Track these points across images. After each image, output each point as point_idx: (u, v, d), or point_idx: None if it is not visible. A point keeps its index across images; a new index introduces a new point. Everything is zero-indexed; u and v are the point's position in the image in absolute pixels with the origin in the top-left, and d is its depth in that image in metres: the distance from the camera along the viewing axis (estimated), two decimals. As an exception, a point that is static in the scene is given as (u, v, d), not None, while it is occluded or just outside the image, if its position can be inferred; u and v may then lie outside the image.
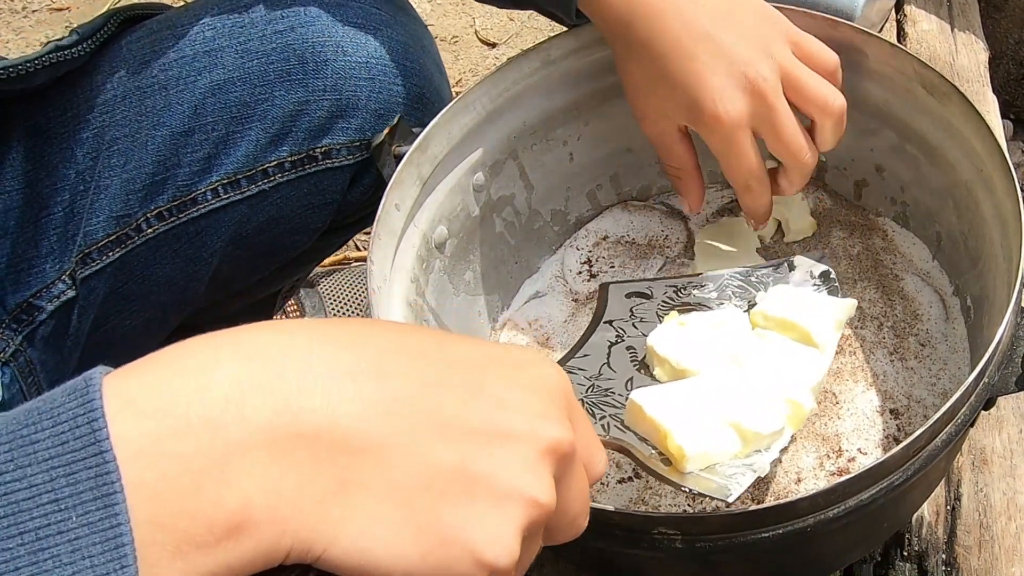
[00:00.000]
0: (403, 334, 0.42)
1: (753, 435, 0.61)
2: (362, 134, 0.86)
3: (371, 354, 0.39)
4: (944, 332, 0.81)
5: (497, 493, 0.38)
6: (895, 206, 0.88)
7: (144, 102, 0.81)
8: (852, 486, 0.58)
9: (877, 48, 0.79)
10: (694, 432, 0.60)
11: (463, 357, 0.42)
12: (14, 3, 2.14)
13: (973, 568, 0.79)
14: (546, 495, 0.40)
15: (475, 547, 0.38)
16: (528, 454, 0.40)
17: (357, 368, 0.38)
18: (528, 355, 0.44)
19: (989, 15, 1.45)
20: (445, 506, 0.38)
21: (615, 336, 0.73)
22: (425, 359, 0.40)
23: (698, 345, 0.68)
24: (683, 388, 0.64)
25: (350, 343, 0.40)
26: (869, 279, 0.84)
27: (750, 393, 0.64)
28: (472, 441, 0.39)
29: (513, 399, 0.41)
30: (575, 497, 0.43)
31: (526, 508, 0.39)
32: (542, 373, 0.43)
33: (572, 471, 0.42)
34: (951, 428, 0.61)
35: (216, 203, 0.83)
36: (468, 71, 1.90)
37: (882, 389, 0.77)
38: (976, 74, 1.19)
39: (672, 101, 0.73)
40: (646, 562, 0.65)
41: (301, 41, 0.83)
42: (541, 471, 0.40)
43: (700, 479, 0.59)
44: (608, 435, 0.62)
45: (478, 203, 0.85)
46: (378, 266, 0.72)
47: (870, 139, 0.86)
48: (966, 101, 0.74)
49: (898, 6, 1.26)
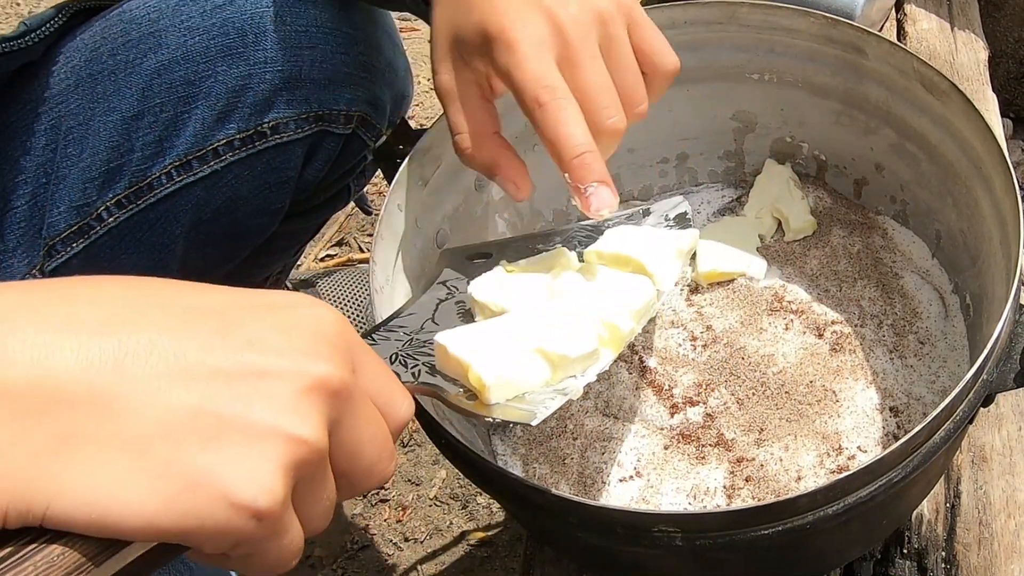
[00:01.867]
0: (142, 285, 0.40)
1: (560, 358, 0.58)
2: (308, 106, 0.84)
3: (100, 306, 0.37)
4: (943, 330, 0.81)
5: (250, 432, 0.37)
6: (895, 204, 0.88)
7: (95, 89, 0.81)
8: (851, 483, 0.58)
9: (877, 46, 0.79)
10: (497, 363, 0.57)
11: (211, 304, 0.40)
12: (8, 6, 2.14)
13: (972, 565, 0.79)
14: (311, 432, 0.38)
15: (228, 488, 0.36)
16: (286, 391, 0.38)
17: (79, 320, 0.37)
18: (297, 297, 0.42)
19: (989, 14, 1.46)
20: (188, 450, 0.36)
21: (445, 294, 0.69)
22: (164, 309, 0.38)
23: (520, 287, 0.65)
24: (492, 325, 0.61)
25: (75, 297, 0.38)
26: (869, 277, 0.85)
27: (560, 321, 0.61)
28: (217, 382, 0.37)
29: (269, 338, 0.39)
30: (366, 440, 0.41)
31: (287, 446, 0.37)
32: (311, 313, 0.41)
33: (354, 411, 0.41)
34: (950, 425, 0.61)
35: (171, 187, 0.83)
36: (469, 71, 1.91)
37: (882, 387, 0.78)
38: (976, 73, 1.19)
39: (465, 35, 0.63)
40: (647, 560, 0.65)
41: (240, 14, 0.82)
42: (304, 408, 0.38)
43: (506, 408, 0.57)
44: (417, 381, 0.59)
45: (480, 203, 0.85)
46: (380, 267, 0.72)
47: (870, 138, 0.86)
48: (966, 99, 0.74)
49: (898, 5, 1.27)
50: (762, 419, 0.76)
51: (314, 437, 0.38)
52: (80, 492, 0.35)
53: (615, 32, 0.62)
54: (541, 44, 0.60)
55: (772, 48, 0.85)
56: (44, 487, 0.35)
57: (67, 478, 0.35)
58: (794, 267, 0.87)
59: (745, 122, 0.91)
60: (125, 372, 0.36)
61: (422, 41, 1.98)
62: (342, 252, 1.60)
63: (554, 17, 0.60)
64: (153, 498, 0.35)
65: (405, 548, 1.26)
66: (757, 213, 0.90)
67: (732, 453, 0.75)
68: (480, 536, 1.25)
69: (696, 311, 0.85)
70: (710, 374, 0.80)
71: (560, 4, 0.61)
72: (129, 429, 0.36)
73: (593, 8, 0.62)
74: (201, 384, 0.37)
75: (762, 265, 0.87)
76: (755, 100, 0.89)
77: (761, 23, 0.83)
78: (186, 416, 0.36)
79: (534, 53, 0.60)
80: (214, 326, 0.38)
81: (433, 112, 1.76)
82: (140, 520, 0.35)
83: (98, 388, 0.36)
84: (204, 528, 0.36)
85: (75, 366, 0.35)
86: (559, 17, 0.60)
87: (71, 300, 0.37)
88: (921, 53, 1.00)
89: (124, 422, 0.36)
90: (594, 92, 0.60)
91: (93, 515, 0.35)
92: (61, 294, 0.38)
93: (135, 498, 0.35)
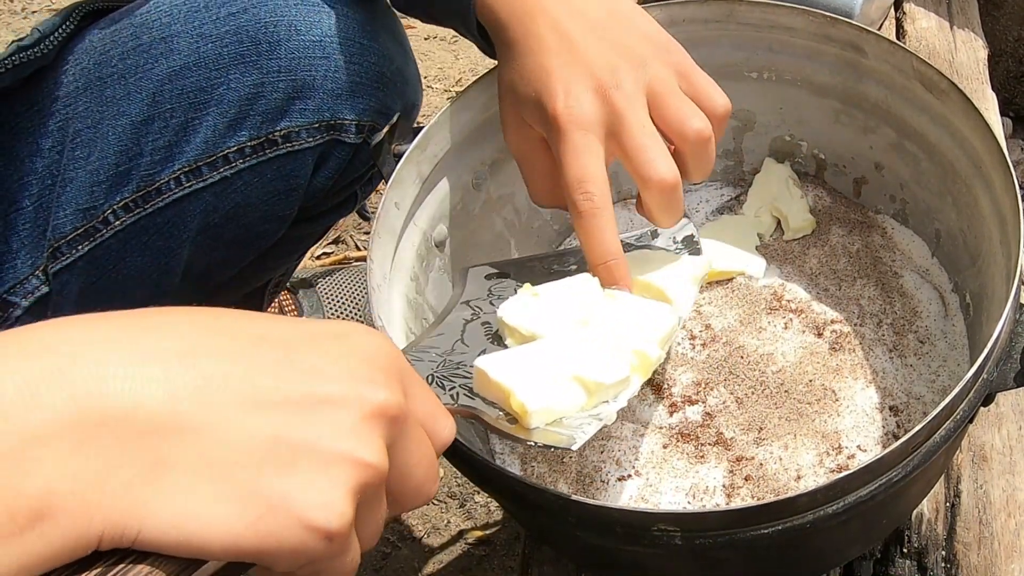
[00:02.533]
0: (211, 316, 0.42)
1: (596, 385, 0.61)
2: (320, 115, 0.84)
3: (175, 337, 0.40)
4: (943, 329, 0.81)
5: (321, 458, 0.39)
6: (894, 203, 0.88)
7: (104, 92, 0.81)
8: (851, 482, 0.58)
9: (876, 45, 0.79)
10: (536, 388, 0.60)
11: (276, 334, 0.42)
12: (13, 3, 2.14)
13: (973, 564, 0.79)
14: (375, 456, 0.40)
15: (302, 512, 0.38)
16: (351, 418, 0.40)
17: (160, 351, 0.39)
18: (350, 326, 0.44)
19: (988, 12, 1.46)
20: (267, 476, 0.38)
21: (471, 314, 0.71)
22: (234, 338, 0.41)
23: (548, 312, 0.67)
24: (528, 351, 0.64)
25: (151, 327, 0.40)
26: (868, 276, 0.85)
27: (594, 347, 0.64)
28: (288, 411, 0.39)
29: (330, 367, 0.41)
30: (416, 462, 0.44)
31: (354, 470, 0.39)
32: (364, 340, 0.43)
33: (408, 435, 0.43)
34: (950, 424, 0.61)
35: (180, 192, 0.82)
36: (468, 70, 1.90)
37: (881, 386, 0.77)
38: (975, 71, 1.19)
39: (524, 100, 0.69)
40: (646, 559, 0.65)
41: (254, 22, 0.82)
42: (367, 434, 0.40)
43: (546, 433, 0.59)
44: (456, 403, 0.62)
45: (478, 202, 0.85)
46: (378, 264, 0.72)
47: (869, 136, 0.86)
48: (965, 98, 0.74)
49: (897, 4, 1.27)
50: (761, 418, 0.76)
51: (377, 460, 0.40)
52: (170, 516, 0.37)
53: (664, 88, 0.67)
54: (591, 129, 0.65)
55: (771, 46, 0.85)
56: (137, 512, 0.37)
57: (158, 504, 0.37)
58: (793, 266, 0.87)
59: (744, 120, 0.91)
60: (207, 401, 0.38)
61: (419, 39, 1.98)
62: (339, 250, 1.60)
63: (607, 97, 0.65)
64: (236, 521, 0.38)
65: (403, 547, 1.26)
66: (756, 212, 0.89)
67: (731, 452, 0.74)
68: (478, 535, 1.25)
69: (695, 310, 0.84)
70: (709, 373, 0.80)
71: (612, 82, 0.65)
72: (214, 456, 0.38)
73: (644, 79, 0.67)
74: (273, 412, 0.39)
75: (761, 264, 0.86)
76: (754, 98, 0.89)
77: (760, 21, 0.83)
78: (263, 443, 0.39)
79: (582, 149, 0.65)
80: (279, 356, 0.41)
81: (430, 110, 1.76)
82: (224, 541, 0.38)
83: (182, 415, 0.38)
84: (281, 549, 0.38)
85: (162, 396, 0.38)
86: (612, 97, 0.65)
87: (150, 331, 0.40)
88: (920, 52, 1.00)
89: (209, 449, 0.38)
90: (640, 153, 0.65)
91: (181, 537, 0.37)
92: (141, 325, 0.40)
93: (220, 521, 0.37)
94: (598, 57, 0.67)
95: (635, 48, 0.68)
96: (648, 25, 0.70)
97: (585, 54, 0.67)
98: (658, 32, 0.70)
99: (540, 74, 0.67)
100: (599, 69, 0.66)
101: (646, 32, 0.70)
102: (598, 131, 0.66)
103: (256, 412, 0.39)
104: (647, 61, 0.67)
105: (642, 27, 0.70)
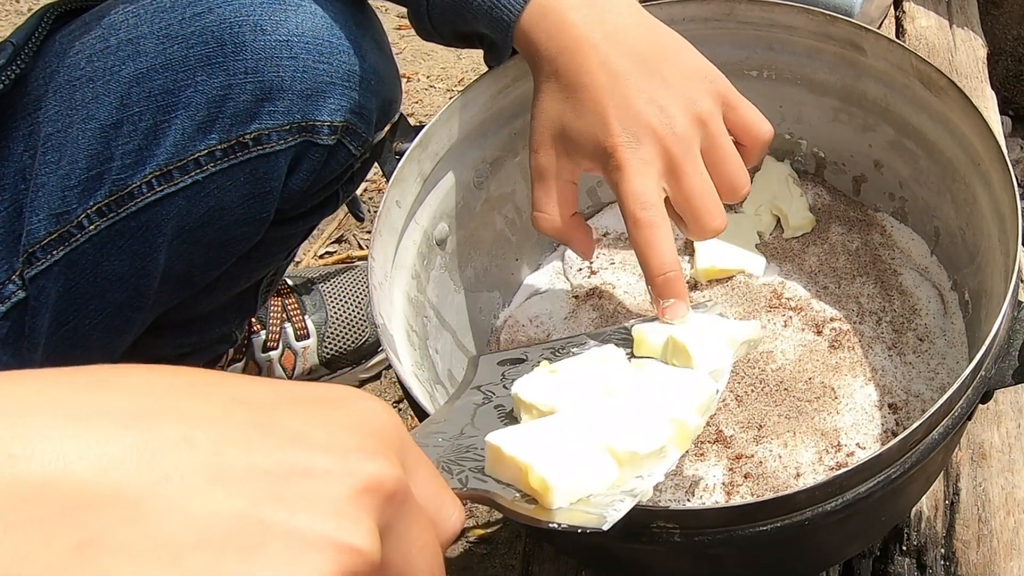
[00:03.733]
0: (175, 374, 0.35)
1: (629, 456, 0.55)
2: (291, 117, 0.83)
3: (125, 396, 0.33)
4: (942, 327, 0.81)
5: (295, 541, 0.32)
6: (893, 201, 0.88)
7: (74, 96, 0.80)
8: (850, 479, 0.58)
9: (875, 43, 0.79)
10: (559, 463, 0.53)
11: (253, 396, 0.35)
12: (8, 5, 2.14)
13: (972, 562, 0.79)
14: (363, 540, 0.33)
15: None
16: (335, 493, 0.33)
17: (101, 410, 0.32)
18: (346, 390, 0.38)
19: (988, 11, 1.46)
20: (228, 562, 0.31)
21: (482, 399, 0.65)
22: (201, 399, 0.34)
23: (569, 386, 0.61)
24: (548, 423, 0.57)
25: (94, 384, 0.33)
26: (868, 274, 0.85)
27: (624, 417, 0.58)
28: (259, 483, 0.32)
29: (315, 435, 0.34)
30: (417, 551, 0.36)
31: (337, 556, 0.32)
32: (362, 407, 0.37)
33: (407, 518, 0.36)
34: (948, 421, 0.61)
35: (152, 196, 0.81)
36: (471, 70, 1.91)
37: (881, 384, 0.78)
38: (975, 70, 1.19)
39: (578, 136, 0.71)
40: (645, 556, 0.65)
41: (219, 22, 0.80)
42: (355, 513, 0.33)
43: (572, 512, 0.52)
44: (466, 488, 0.55)
45: (479, 200, 0.85)
46: (379, 262, 0.72)
47: (868, 135, 0.86)
48: (963, 96, 0.74)
49: (897, 2, 1.27)
50: (761, 416, 0.76)
51: (367, 546, 0.33)
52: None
53: (715, 130, 0.70)
54: (648, 164, 0.68)
55: (771, 45, 0.85)
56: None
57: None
58: (793, 264, 0.87)
59: (744, 119, 0.91)
60: (155, 470, 0.31)
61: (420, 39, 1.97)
62: (341, 249, 1.60)
63: (661, 138, 0.68)
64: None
65: (404, 545, 1.26)
66: (756, 210, 0.90)
67: (731, 450, 0.75)
68: (479, 533, 1.25)
69: (695, 308, 0.85)
70: (709, 371, 0.80)
71: (665, 123, 0.68)
72: (159, 536, 0.30)
73: (695, 115, 0.69)
74: (240, 485, 0.32)
75: (761, 262, 0.87)
76: (754, 97, 0.88)
77: (760, 20, 0.83)
78: (225, 521, 0.31)
79: (640, 172, 0.68)
80: (255, 419, 0.34)
81: (432, 109, 1.76)
82: None
83: (123, 485, 0.31)
84: None
85: (98, 462, 0.31)
86: (665, 138, 0.68)
87: (96, 388, 0.33)
88: (920, 50, 1.00)
89: (154, 527, 0.31)
90: (698, 200, 0.69)
91: None
92: (86, 381, 0.33)
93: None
94: (651, 99, 0.69)
95: (684, 85, 0.70)
96: (693, 58, 0.72)
97: (638, 95, 0.69)
98: (702, 64, 0.72)
99: (596, 110, 0.69)
100: (653, 111, 0.68)
101: (692, 66, 0.72)
102: (657, 166, 0.69)
103: (219, 484, 0.32)
104: (696, 98, 0.70)
105: (688, 61, 0.72)
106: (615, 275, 0.89)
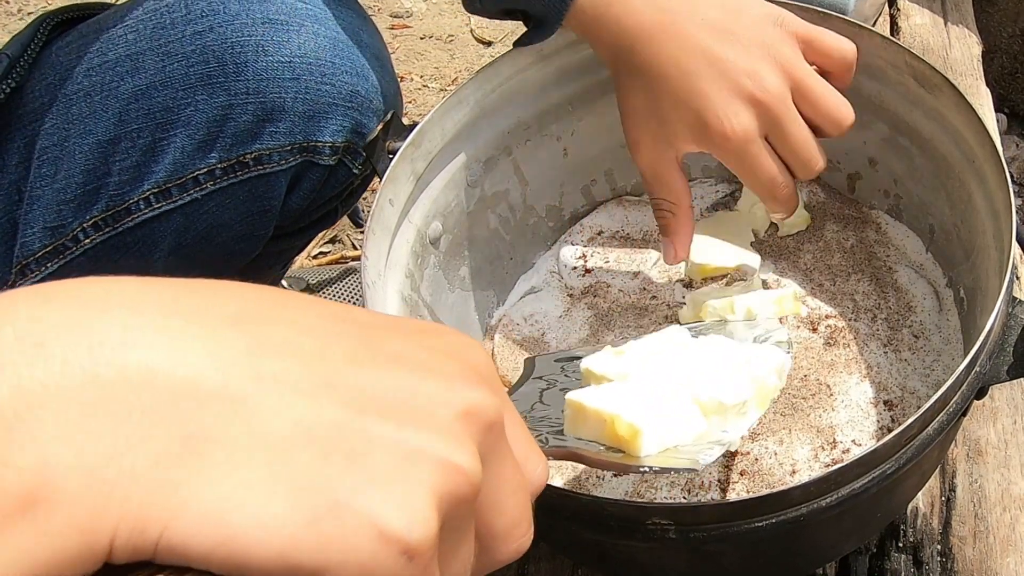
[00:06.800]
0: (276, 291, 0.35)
1: (716, 405, 0.55)
2: (292, 138, 0.82)
3: (229, 301, 0.33)
4: (938, 324, 0.81)
5: (401, 454, 0.31)
6: (888, 199, 0.88)
7: (71, 110, 0.79)
8: (845, 475, 0.58)
9: (869, 41, 0.79)
10: (646, 411, 0.53)
11: (353, 315, 0.35)
12: (9, 5, 2.14)
13: (968, 558, 0.79)
14: (468, 462, 0.32)
15: (376, 515, 0.29)
16: (440, 414, 0.32)
17: (207, 312, 0.31)
18: (442, 327, 0.38)
19: (982, 9, 1.46)
20: (335, 465, 0.30)
21: (546, 384, 0.65)
22: (307, 311, 0.34)
23: (638, 360, 0.61)
24: (628, 384, 0.57)
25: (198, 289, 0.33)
26: (863, 272, 0.85)
27: (707, 370, 0.58)
28: (365, 396, 0.32)
29: (420, 358, 0.34)
30: (511, 491, 0.35)
31: (441, 472, 0.31)
32: (460, 340, 0.36)
33: (501, 453, 0.35)
34: (943, 417, 0.61)
35: (150, 212, 0.80)
36: (464, 69, 1.91)
37: (876, 381, 0.78)
38: (969, 68, 1.19)
39: (676, 124, 0.72)
40: (641, 553, 0.65)
41: (220, 42, 0.79)
42: (458, 433, 0.32)
43: (662, 457, 0.53)
44: (548, 445, 0.54)
45: (472, 199, 0.85)
46: (372, 261, 0.72)
47: (863, 132, 0.86)
48: (957, 92, 0.74)
49: (891, 0, 1.27)
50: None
51: (470, 467, 0.32)
52: (206, 506, 0.28)
53: (802, 74, 0.71)
54: (758, 136, 0.71)
55: (765, 42, 0.85)
56: (164, 501, 0.28)
57: (192, 489, 0.28)
58: (788, 262, 0.87)
59: (738, 117, 0.91)
60: (263, 371, 0.31)
61: (414, 38, 1.98)
62: (335, 249, 1.60)
63: (757, 102, 0.70)
64: (292, 517, 0.29)
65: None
66: (751, 208, 0.89)
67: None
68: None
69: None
70: (704, 369, 0.80)
71: (756, 84, 0.70)
72: (266, 434, 0.30)
73: (779, 66, 0.71)
74: (345, 394, 0.31)
75: (756, 260, 0.86)
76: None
77: (754, 17, 0.83)
78: (330, 427, 0.30)
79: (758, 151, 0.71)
80: (360, 334, 0.34)
81: (425, 108, 1.76)
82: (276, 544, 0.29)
83: (230, 384, 0.30)
84: (346, 562, 0.29)
85: (208, 358, 0.30)
86: (761, 100, 0.70)
87: (205, 293, 0.32)
88: (914, 48, 1.00)
89: (259, 425, 0.30)
90: (802, 149, 0.72)
91: (223, 535, 0.28)
92: (189, 286, 0.32)
93: (274, 514, 0.29)
94: (736, 63, 0.70)
95: (761, 38, 0.71)
96: (757, 4, 0.73)
97: (725, 66, 0.70)
98: (767, 8, 0.73)
99: (694, 97, 0.71)
100: (743, 78, 0.70)
101: (760, 14, 0.73)
102: (762, 135, 0.71)
103: (324, 391, 0.31)
104: (777, 49, 0.71)
105: (754, 10, 0.73)
106: (610, 273, 0.89)
